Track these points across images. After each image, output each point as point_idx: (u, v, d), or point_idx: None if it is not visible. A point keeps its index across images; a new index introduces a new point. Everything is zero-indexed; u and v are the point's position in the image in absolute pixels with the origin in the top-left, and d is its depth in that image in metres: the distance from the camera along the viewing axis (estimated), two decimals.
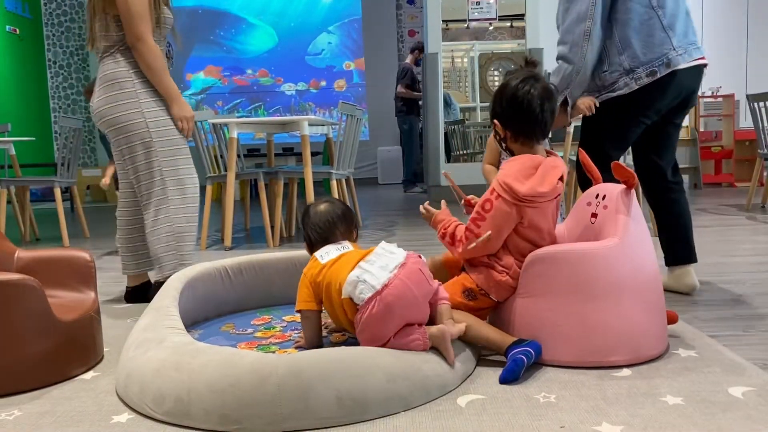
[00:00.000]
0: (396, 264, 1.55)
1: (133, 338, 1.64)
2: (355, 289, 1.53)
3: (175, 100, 2.40)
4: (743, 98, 7.42)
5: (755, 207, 4.74)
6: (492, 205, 1.67)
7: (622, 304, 1.61)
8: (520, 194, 1.64)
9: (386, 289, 1.51)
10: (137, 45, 2.31)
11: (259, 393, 1.34)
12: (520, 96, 1.71)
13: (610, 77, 2.29)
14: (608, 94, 2.31)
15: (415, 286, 1.54)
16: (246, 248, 3.83)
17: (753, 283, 2.49)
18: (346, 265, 1.62)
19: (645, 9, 2.23)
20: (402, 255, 1.59)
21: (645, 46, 2.24)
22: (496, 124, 1.76)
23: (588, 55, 2.23)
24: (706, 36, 8.41)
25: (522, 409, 1.39)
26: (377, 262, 1.57)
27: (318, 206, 1.87)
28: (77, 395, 1.57)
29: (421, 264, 1.59)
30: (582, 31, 2.22)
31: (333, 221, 1.82)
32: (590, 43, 2.22)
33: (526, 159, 1.72)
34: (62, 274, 1.88)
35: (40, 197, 7.82)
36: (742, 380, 1.49)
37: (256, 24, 9.97)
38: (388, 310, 1.50)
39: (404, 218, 5.06)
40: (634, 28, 2.24)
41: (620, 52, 2.25)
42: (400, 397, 1.41)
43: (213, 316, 2.15)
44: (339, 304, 1.60)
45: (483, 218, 1.68)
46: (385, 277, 1.52)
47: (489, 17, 7.20)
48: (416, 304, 1.55)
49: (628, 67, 2.25)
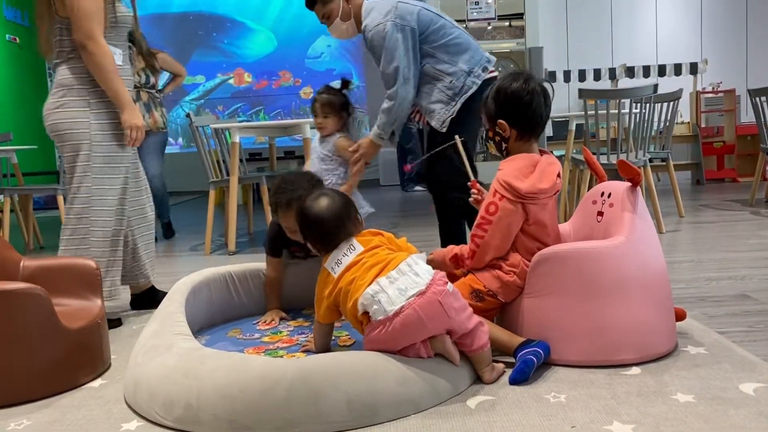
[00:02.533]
0: (416, 291, 1.46)
1: (141, 345, 1.64)
2: (370, 307, 1.49)
3: (125, 106, 2.25)
4: (744, 93, 7.41)
5: (759, 202, 4.72)
6: (497, 207, 1.67)
7: (630, 302, 1.61)
8: (522, 191, 1.65)
9: (397, 317, 1.45)
10: (87, 44, 2.15)
11: (269, 398, 1.33)
12: (527, 95, 1.73)
13: (458, 83, 2.49)
14: (463, 96, 2.49)
15: (429, 319, 1.46)
16: (250, 252, 3.83)
17: (760, 278, 2.48)
18: (360, 278, 1.53)
19: (455, 28, 2.56)
20: (425, 281, 1.48)
21: (472, 52, 2.53)
22: (503, 124, 1.76)
23: (409, 95, 2.51)
24: (706, 31, 8.40)
25: (532, 410, 1.39)
26: (398, 281, 1.48)
27: (315, 205, 1.68)
28: (86, 403, 1.56)
29: (442, 294, 1.48)
30: (402, 76, 2.48)
31: (337, 221, 1.65)
32: (408, 85, 2.50)
33: (524, 158, 1.74)
34: (68, 282, 1.88)
35: (43, 205, 7.82)
36: (753, 376, 1.49)
37: (254, 28, 9.98)
38: (395, 336, 1.47)
39: (405, 219, 5.05)
40: (457, 44, 2.52)
41: (455, 63, 2.49)
42: (410, 399, 1.41)
43: (219, 321, 2.15)
44: (353, 314, 1.55)
45: (489, 221, 1.68)
46: (399, 302, 1.45)
47: (488, 17, 7.20)
48: (426, 334, 1.49)
49: (467, 69, 2.50)
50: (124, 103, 2.26)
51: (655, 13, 8.52)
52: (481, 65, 2.53)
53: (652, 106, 3.79)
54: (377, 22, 2.50)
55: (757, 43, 8.38)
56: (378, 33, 2.49)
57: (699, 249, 3.15)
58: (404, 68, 2.47)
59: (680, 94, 4.12)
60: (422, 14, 2.52)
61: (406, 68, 2.47)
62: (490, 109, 1.79)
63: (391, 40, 2.46)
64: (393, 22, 2.47)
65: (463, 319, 1.52)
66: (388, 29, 2.46)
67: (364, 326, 1.55)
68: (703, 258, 2.92)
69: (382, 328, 1.47)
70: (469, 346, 1.54)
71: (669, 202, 4.55)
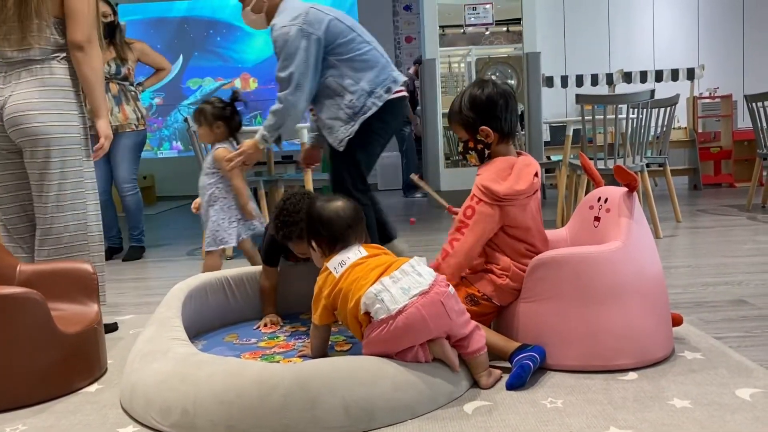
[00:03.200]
0: (419, 290, 1.47)
1: (137, 350, 1.64)
2: (372, 306, 1.49)
3: (104, 115, 2.22)
4: (740, 99, 7.44)
5: (756, 207, 4.73)
6: (474, 210, 1.70)
7: (626, 307, 1.61)
8: (500, 194, 1.67)
9: (400, 315, 1.45)
10: (85, 46, 2.10)
11: (266, 403, 1.33)
12: (501, 98, 1.76)
13: (358, 103, 2.49)
14: (362, 117, 2.49)
15: (432, 318, 1.47)
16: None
17: (757, 283, 2.49)
18: (363, 278, 1.54)
19: (365, 44, 2.55)
20: (428, 281, 1.49)
21: (378, 70, 2.53)
22: (486, 129, 1.76)
23: (299, 102, 2.50)
24: (702, 37, 8.44)
25: (529, 415, 1.38)
26: (401, 281, 1.49)
27: (331, 205, 1.70)
28: (82, 408, 1.56)
29: (445, 295, 1.49)
30: (295, 83, 2.46)
31: (351, 225, 1.67)
32: (300, 92, 2.48)
33: (501, 161, 1.76)
34: (65, 286, 1.87)
35: None
36: (749, 382, 1.49)
37: (252, 32, 10.00)
38: (397, 336, 1.47)
39: (405, 223, 5.05)
40: (364, 60, 2.52)
41: (358, 81, 2.49)
42: (407, 405, 1.41)
43: (216, 326, 2.14)
44: (353, 314, 1.55)
45: (466, 225, 1.70)
46: (402, 301, 1.46)
47: (486, 22, 7.22)
48: (427, 334, 1.49)
49: (368, 89, 2.50)
50: (104, 112, 2.22)
51: (652, 19, 8.56)
52: (385, 86, 2.53)
53: (649, 112, 3.80)
54: (284, 24, 2.48)
55: (753, 48, 8.42)
56: (282, 35, 2.47)
57: (696, 254, 3.16)
58: (299, 75, 2.44)
59: (677, 99, 4.13)
60: (332, 25, 2.50)
61: (301, 76, 2.45)
62: (468, 119, 1.78)
63: (293, 46, 2.44)
64: (300, 27, 2.44)
65: (462, 322, 1.53)
66: (292, 34, 2.44)
67: (363, 328, 1.54)
68: (700, 263, 2.92)
69: (384, 327, 1.47)
70: (465, 348, 1.54)
71: (666, 207, 4.56)
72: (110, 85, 3.90)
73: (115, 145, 3.79)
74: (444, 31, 7.41)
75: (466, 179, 7.29)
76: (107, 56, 3.87)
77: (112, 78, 3.91)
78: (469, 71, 7.89)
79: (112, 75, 3.91)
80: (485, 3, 7.15)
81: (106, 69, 3.76)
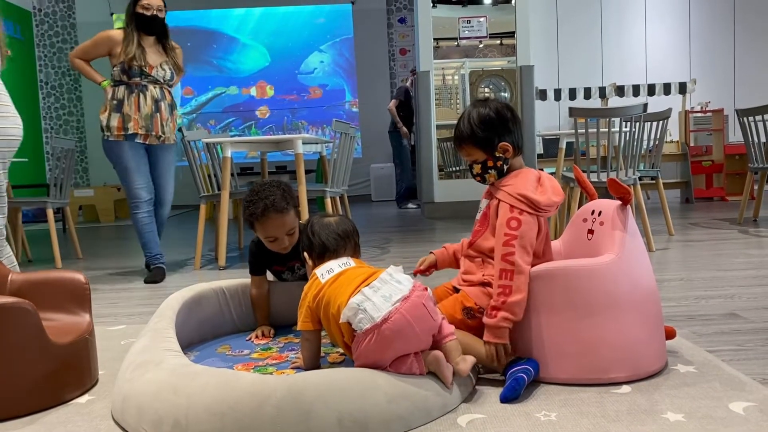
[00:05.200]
0: (400, 296, 1.49)
1: (130, 360, 1.62)
2: (355, 317, 1.49)
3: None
4: (731, 113, 7.50)
5: (747, 221, 4.76)
6: (519, 221, 1.66)
7: (620, 320, 1.61)
8: (542, 204, 1.67)
9: (386, 323, 1.46)
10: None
11: (259, 415, 1.32)
12: (507, 111, 1.77)
13: None
14: None
15: (417, 321, 1.48)
16: (240, 267, 3.81)
17: (749, 297, 2.49)
18: (346, 285, 1.58)
19: None
20: (407, 286, 1.52)
21: None
22: (506, 145, 1.76)
23: None
24: (694, 51, 8.51)
25: (523, 428, 1.38)
26: (381, 290, 1.51)
27: (325, 219, 1.82)
28: (72, 419, 1.54)
29: (425, 298, 1.52)
30: None
31: (342, 236, 1.77)
32: None
33: (528, 173, 1.77)
34: (56, 296, 1.86)
35: (32, 218, 7.77)
36: (742, 395, 1.49)
37: (248, 44, 10.01)
38: (386, 344, 1.47)
39: (398, 235, 5.06)
40: None
41: None
42: (401, 417, 1.40)
43: (209, 337, 2.13)
44: (336, 324, 1.57)
45: (515, 236, 1.65)
46: (386, 309, 1.47)
47: (480, 35, 7.27)
48: (416, 339, 1.50)
49: None
50: None
51: (644, 34, 8.63)
52: None
53: (641, 125, 3.83)
54: None
55: (744, 63, 8.49)
56: None
57: (688, 267, 3.17)
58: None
59: (669, 113, 4.17)
60: None
61: None
62: (481, 138, 1.75)
63: None
64: None
65: (440, 319, 1.58)
66: None
67: (345, 337, 1.56)
68: (692, 276, 2.93)
69: (371, 338, 1.47)
70: (436, 336, 1.56)
71: (658, 220, 4.58)
72: (164, 92, 3.60)
73: (162, 159, 3.65)
74: (438, 44, 7.45)
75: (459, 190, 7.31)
76: (159, 58, 3.56)
77: (165, 84, 3.60)
78: (463, 83, 7.93)
79: (166, 81, 3.59)
80: (479, 16, 7.20)
81: (160, 74, 3.54)
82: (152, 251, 3.61)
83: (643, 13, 8.57)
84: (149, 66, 3.50)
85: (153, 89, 3.52)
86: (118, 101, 3.47)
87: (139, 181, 3.52)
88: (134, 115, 3.47)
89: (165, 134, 3.58)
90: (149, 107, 3.49)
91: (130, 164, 3.50)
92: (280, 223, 2.06)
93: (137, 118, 3.48)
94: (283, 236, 2.08)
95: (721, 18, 8.52)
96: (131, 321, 2.59)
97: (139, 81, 3.49)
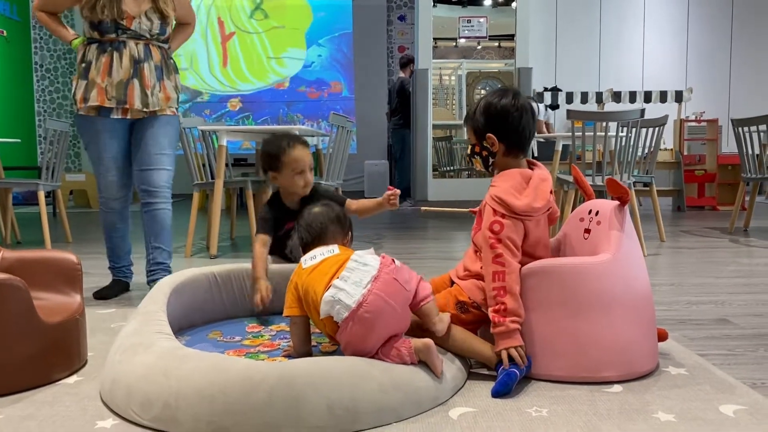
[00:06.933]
0: (370, 278, 1.51)
1: (120, 343, 1.61)
2: (332, 309, 1.51)
3: None
4: (726, 124, 7.54)
5: (738, 230, 4.79)
6: (501, 224, 1.65)
7: (614, 320, 1.61)
8: (518, 210, 1.65)
9: (362, 306, 1.48)
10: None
11: (250, 400, 1.31)
12: (516, 110, 1.74)
13: None
14: None
15: (392, 297, 1.51)
16: (231, 257, 3.80)
17: (739, 303, 2.51)
18: (322, 275, 1.59)
19: None
20: (375, 266, 1.54)
21: None
22: (491, 137, 1.76)
23: None
24: (691, 62, 8.55)
25: (514, 423, 1.38)
26: (351, 277, 1.53)
27: (313, 208, 1.87)
28: (60, 399, 1.53)
29: (395, 272, 1.54)
30: None
31: (325, 223, 1.81)
32: None
33: (516, 174, 1.73)
34: (48, 275, 1.84)
35: (22, 201, 7.71)
36: (732, 398, 1.50)
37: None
38: (367, 327, 1.48)
39: (391, 231, 5.05)
40: None
41: None
42: (392, 408, 1.40)
43: (200, 323, 2.12)
44: (316, 308, 1.57)
45: (498, 240, 1.65)
46: (359, 293, 1.49)
47: (480, 35, 7.27)
48: (395, 315, 1.53)
49: None
50: None
51: (642, 41, 8.67)
52: None
53: (638, 131, 3.84)
54: None
55: (740, 75, 8.55)
56: None
57: (679, 273, 3.18)
58: None
59: (666, 120, 4.18)
60: None
61: None
62: (479, 124, 1.78)
63: None
64: None
65: (414, 286, 1.59)
66: None
67: (327, 328, 1.58)
68: (683, 282, 2.95)
69: (351, 324, 1.49)
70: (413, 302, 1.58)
71: (650, 226, 4.60)
72: (151, 50, 2.69)
73: (150, 136, 2.72)
74: (436, 44, 7.45)
75: (452, 189, 7.31)
76: (140, 5, 2.65)
77: (152, 39, 2.69)
78: (460, 84, 7.93)
79: (153, 35, 2.68)
80: (480, 16, 7.21)
81: (145, 26, 2.64)
82: (118, 261, 2.83)
83: (642, 21, 8.61)
84: (127, 16, 2.60)
85: (134, 47, 2.63)
86: (86, 64, 2.62)
87: (107, 172, 2.69)
88: (100, 81, 2.60)
89: (148, 107, 2.67)
90: (125, 71, 2.60)
91: (97, 147, 2.67)
92: (306, 154, 2.24)
93: (104, 86, 2.60)
94: (307, 169, 2.23)
95: (719, 29, 8.57)
96: (120, 305, 2.57)
97: (114, 38, 2.60)
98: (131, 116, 2.68)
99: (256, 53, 10.04)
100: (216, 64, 10.03)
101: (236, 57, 10.03)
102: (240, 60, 10.04)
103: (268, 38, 10.03)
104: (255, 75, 10.05)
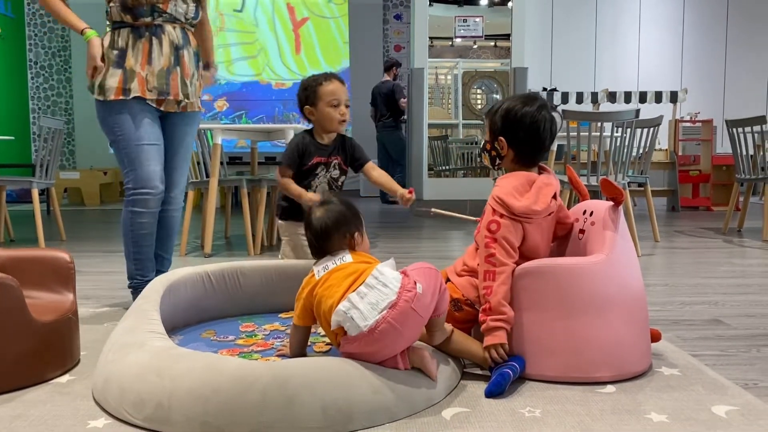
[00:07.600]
0: (387, 303, 1.44)
1: (113, 342, 1.60)
2: (344, 323, 1.47)
3: None
4: (720, 124, 7.57)
5: (732, 231, 4.81)
6: (498, 224, 1.66)
7: (607, 320, 1.62)
8: (516, 210, 1.65)
9: (373, 333, 1.43)
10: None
11: (243, 400, 1.31)
12: (535, 122, 1.72)
13: None
14: None
15: (406, 326, 1.45)
16: (226, 256, 3.79)
17: (732, 304, 2.52)
18: (335, 286, 1.53)
19: None
20: (395, 290, 1.45)
21: None
22: (502, 141, 1.75)
23: None
24: (686, 63, 8.58)
25: (507, 423, 1.38)
26: (368, 296, 1.46)
27: (315, 212, 1.72)
28: (52, 399, 1.52)
29: (413, 299, 1.44)
30: None
31: (325, 231, 1.68)
32: None
33: (521, 176, 1.74)
34: (40, 274, 1.83)
35: (16, 199, 7.68)
36: (725, 399, 1.50)
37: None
38: (375, 348, 1.45)
39: (385, 230, 5.05)
40: None
41: None
42: (385, 408, 1.40)
43: (193, 322, 2.11)
44: (327, 320, 1.53)
45: (494, 239, 1.65)
46: (373, 318, 1.43)
47: (475, 35, 7.28)
48: (405, 339, 1.48)
49: None
50: None
51: (638, 41, 8.69)
52: None
53: (633, 131, 3.85)
54: None
55: (734, 75, 8.58)
56: None
57: (673, 273, 3.19)
58: None
59: (660, 120, 4.19)
60: None
61: None
62: (495, 124, 1.77)
63: None
64: None
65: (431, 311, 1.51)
66: None
67: (339, 338, 1.53)
68: (677, 282, 2.95)
69: (358, 344, 1.46)
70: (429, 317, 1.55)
71: (645, 226, 4.61)
72: (188, 36, 2.48)
73: (180, 134, 2.53)
74: (432, 43, 7.45)
75: (447, 189, 7.31)
76: None
77: (187, 23, 2.46)
78: (456, 83, 7.93)
79: (187, 20, 2.45)
80: (476, 16, 7.21)
81: (181, 8, 2.40)
82: (147, 274, 2.47)
83: (637, 21, 8.62)
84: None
85: (172, 31, 2.40)
86: (120, 51, 2.34)
87: (148, 161, 2.36)
88: (140, 70, 2.35)
89: (188, 98, 2.47)
90: (166, 58, 2.38)
91: (137, 132, 2.35)
92: (343, 88, 2.33)
93: (146, 76, 2.36)
94: (343, 103, 2.30)
95: (714, 30, 8.60)
96: (113, 304, 2.56)
97: (150, 21, 2.35)
98: (165, 108, 2.44)
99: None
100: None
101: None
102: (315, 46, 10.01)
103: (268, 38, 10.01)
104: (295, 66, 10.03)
